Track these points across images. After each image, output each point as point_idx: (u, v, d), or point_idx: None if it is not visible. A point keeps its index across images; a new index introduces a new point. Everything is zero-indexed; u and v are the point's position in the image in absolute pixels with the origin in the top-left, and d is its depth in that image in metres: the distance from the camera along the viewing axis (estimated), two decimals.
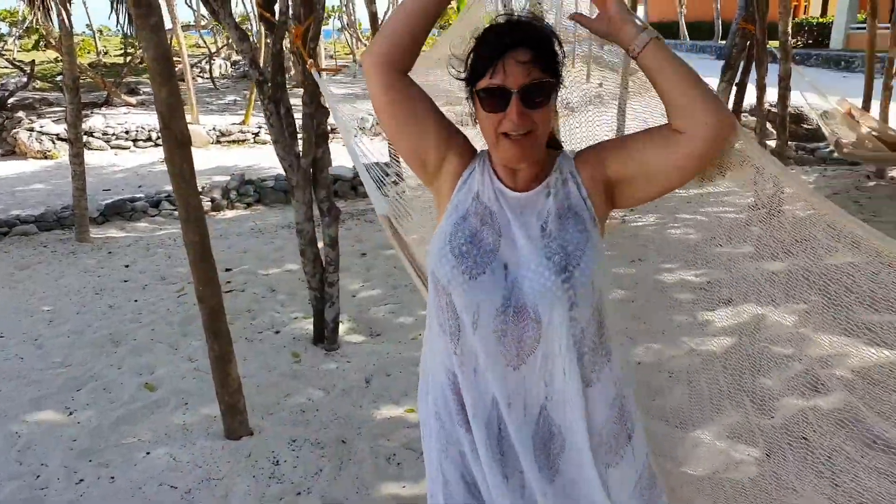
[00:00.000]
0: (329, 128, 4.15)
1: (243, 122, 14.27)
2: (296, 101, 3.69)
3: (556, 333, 1.29)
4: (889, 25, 7.87)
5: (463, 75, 1.31)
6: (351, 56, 25.78)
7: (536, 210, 1.32)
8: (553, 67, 1.26)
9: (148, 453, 3.01)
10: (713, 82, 8.13)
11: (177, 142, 2.69)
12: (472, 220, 1.34)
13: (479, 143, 1.43)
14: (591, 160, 1.36)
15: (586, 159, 1.36)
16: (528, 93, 1.22)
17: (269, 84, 3.76)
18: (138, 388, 3.61)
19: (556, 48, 1.28)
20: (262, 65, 3.90)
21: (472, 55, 1.28)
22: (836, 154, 7.89)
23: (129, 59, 20.08)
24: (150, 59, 2.61)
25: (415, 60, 1.34)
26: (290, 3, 3.76)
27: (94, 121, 13.54)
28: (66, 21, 6.65)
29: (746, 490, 2.00)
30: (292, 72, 15.81)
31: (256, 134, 13.74)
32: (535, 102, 1.23)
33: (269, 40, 4.55)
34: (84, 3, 25.80)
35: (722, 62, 8.40)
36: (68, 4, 6.78)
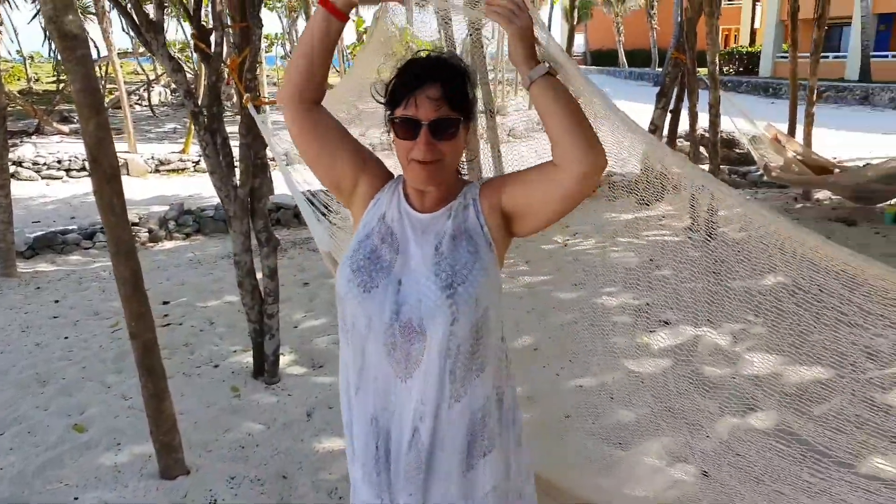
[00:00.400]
0: (270, 157, 4.12)
1: (183, 151, 14.05)
2: (235, 130, 3.66)
3: (438, 347, 1.36)
4: (809, 55, 8.27)
5: (383, 100, 1.42)
6: None
7: (435, 231, 1.42)
8: (462, 105, 1.37)
9: (76, 498, 2.87)
10: (650, 109, 8.42)
11: (106, 175, 2.63)
12: (373, 239, 1.44)
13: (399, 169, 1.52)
14: (492, 190, 1.45)
15: (489, 188, 1.46)
16: (436, 126, 1.33)
17: (205, 115, 3.72)
18: (66, 429, 3.45)
19: (468, 88, 1.39)
20: (201, 93, 3.86)
21: (392, 83, 1.38)
22: (765, 177, 8.24)
23: (61, 86, 19.54)
24: (76, 92, 2.55)
25: (321, 92, 1.45)
26: (224, 35, 3.74)
27: (24, 150, 13.10)
28: None
29: None
30: (234, 99, 15.66)
31: (197, 162, 13.52)
32: (443, 135, 1.35)
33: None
34: (14, 29, 25.02)
35: (658, 88, 8.76)
36: None
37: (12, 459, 3.20)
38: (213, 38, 3.80)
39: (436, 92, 1.32)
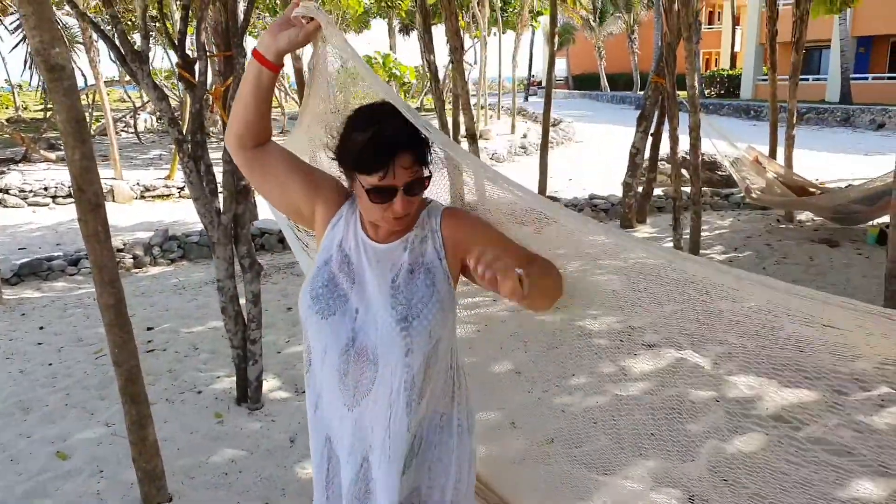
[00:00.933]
0: None
1: (168, 177, 14.05)
2: (219, 156, 3.71)
3: (390, 378, 1.41)
4: (788, 77, 8.40)
5: (332, 154, 1.45)
6: (280, 110, 25.80)
7: (391, 262, 1.45)
8: (426, 160, 1.41)
9: None
10: (632, 131, 8.53)
11: (91, 204, 2.67)
12: (332, 266, 1.48)
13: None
14: (461, 231, 1.48)
15: (456, 225, 1.48)
16: (410, 186, 1.38)
17: (190, 142, 3.77)
18: (49, 457, 3.45)
19: (429, 142, 1.42)
20: (186, 120, 3.91)
21: (357, 149, 1.36)
22: (747, 199, 8.33)
23: (48, 114, 19.56)
24: (62, 122, 2.60)
25: (263, 135, 1.51)
26: (208, 64, 3.81)
27: (11, 177, 13.08)
28: None
29: None
30: (219, 124, 15.73)
31: (182, 188, 13.53)
32: (416, 191, 1.40)
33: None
34: (2, 58, 25.09)
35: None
36: None
37: None
38: (197, 67, 3.86)
39: (409, 160, 1.36)
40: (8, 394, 4.29)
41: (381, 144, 1.34)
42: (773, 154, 8.55)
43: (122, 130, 20.08)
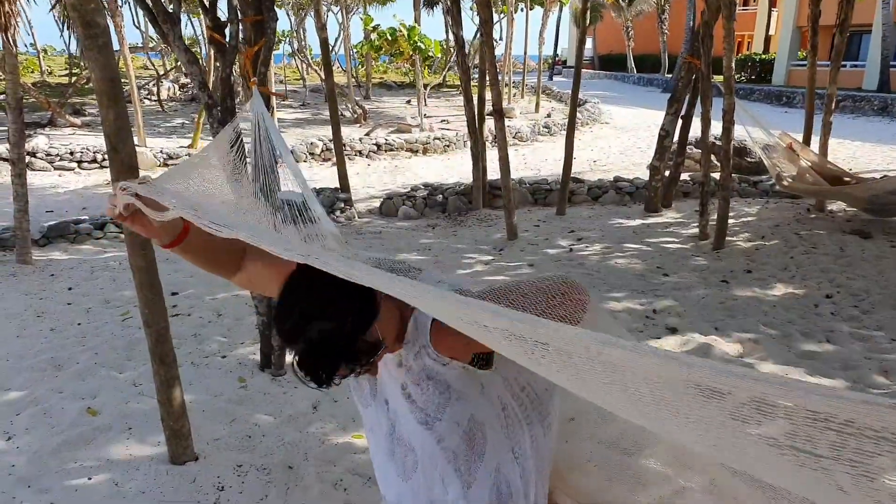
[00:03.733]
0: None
1: (191, 146, 14.13)
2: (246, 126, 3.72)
3: (430, 461, 1.39)
4: (829, 63, 8.12)
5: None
6: (301, 81, 25.76)
7: (396, 373, 1.36)
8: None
9: (90, 479, 2.96)
10: (659, 114, 8.40)
11: (124, 166, 2.69)
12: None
13: None
14: (455, 350, 1.31)
15: (449, 346, 1.30)
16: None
17: (219, 108, 3.78)
18: (80, 413, 3.53)
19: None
20: (210, 88, 3.92)
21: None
22: (777, 187, 8.14)
23: (74, 79, 19.68)
24: (97, 81, 2.60)
25: (232, 264, 1.43)
26: (240, 27, 3.80)
27: (38, 141, 13.22)
28: (10, 40, 6.54)
29: None
30: (241, 96, 15.75)
31: None
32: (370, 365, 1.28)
33: (218, 64, 4.57)
34: (28, 22, 25.22)
35: (668, 94, 8.69)
36: (13, 21, 6.67)
37: (29, 440, 3.29)
38: (228, 31, 3.85)
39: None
40: (40, 350, 4.40)
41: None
42: (807, 142, 8.32)
43: (145, 98, 20.14)
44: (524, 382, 1.45)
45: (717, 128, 7.06)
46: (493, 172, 8.43)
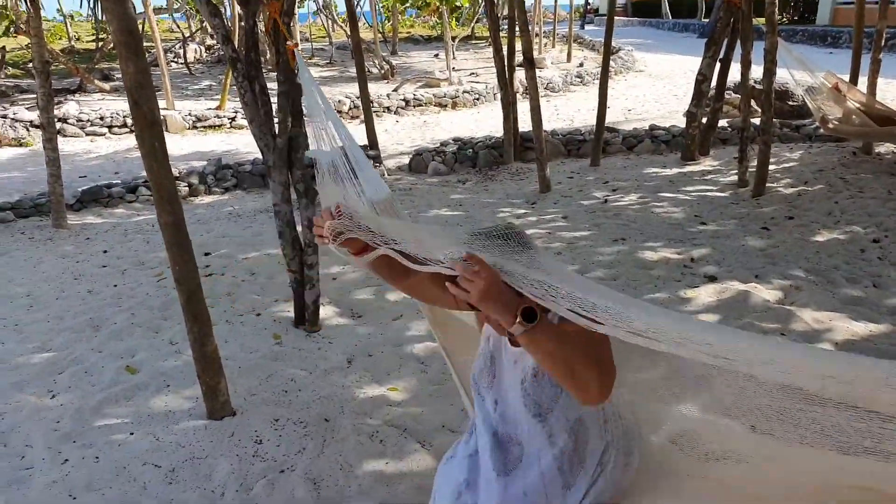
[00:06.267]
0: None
1: (219, 108, 14.13)
2: (270, 85, 3.65)
3: (535, 459, 1.48)
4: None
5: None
6: (327, 38, 25.49)
7: (522, 365, 1.48)
8: None
9: (131, 434, 3.00)
10: (695, 60, 8.07)
11: (147, 121, 2.64)
12: (482, 359, 1.60)
13: None
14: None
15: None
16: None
17: (243, 62, 3.71)
18: (119, 371, 3.59)
19: None
20: (235, 45, 3.84)
21: None
22: (821, 130, 7.80)
23: (101, 44, 19.73)
24: (115, 32, 2.54)
25: (402, 277, 1.61)
26: None
27: (68, 107, 13.34)
28: (34, 3, 6.53)
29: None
30: (267, 55, 15.63)
31: (233, 119, 13.61)
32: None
33: (241, 22, 4.48)
34: None
35: (705, 39, 8.32)
36: None
37: (71, 397, 3.35)
38: None
39: None
40: (78, 311, 4.47)
41: None
42: (854, 82, 7.93)
43: (171, 61, 20.15)
44: (623, 412, 1.58)
45: (756, 71, 6.77)
46: (525, 125, 8.26)
